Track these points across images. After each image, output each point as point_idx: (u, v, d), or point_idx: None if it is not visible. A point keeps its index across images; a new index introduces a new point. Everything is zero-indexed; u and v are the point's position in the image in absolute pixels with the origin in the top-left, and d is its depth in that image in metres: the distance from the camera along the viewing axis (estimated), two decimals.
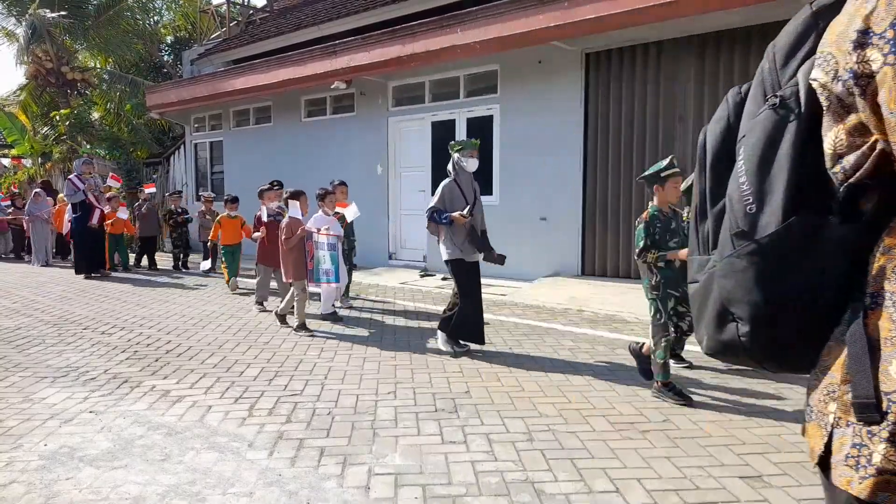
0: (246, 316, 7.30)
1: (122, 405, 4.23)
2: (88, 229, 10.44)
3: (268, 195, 7.71)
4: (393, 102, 11.45)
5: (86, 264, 10.66)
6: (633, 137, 8.71)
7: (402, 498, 2.91)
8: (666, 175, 4.34)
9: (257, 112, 14.14)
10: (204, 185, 15.70)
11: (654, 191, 4.41)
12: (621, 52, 8.75)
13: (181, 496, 2.93)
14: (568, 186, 9.23)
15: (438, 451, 3.44)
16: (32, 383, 4.71)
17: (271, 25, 15.77)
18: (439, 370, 5.04)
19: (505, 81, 9.87)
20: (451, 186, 5.54)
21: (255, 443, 3.57)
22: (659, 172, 4.36)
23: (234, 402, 4.29)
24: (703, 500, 2.90)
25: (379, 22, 11.62)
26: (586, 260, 9.23)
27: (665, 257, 4.27)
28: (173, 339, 6.17)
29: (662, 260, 4.27)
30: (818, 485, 3.05)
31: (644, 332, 6.37)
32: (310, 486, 3.03)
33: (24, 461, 3.32)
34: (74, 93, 19.81)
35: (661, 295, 4.30)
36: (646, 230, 4.32)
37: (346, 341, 6.05)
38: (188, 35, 22.75)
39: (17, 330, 6.57)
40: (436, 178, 10.78)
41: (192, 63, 16.95)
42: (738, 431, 3.73)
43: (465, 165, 5.58)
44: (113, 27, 19.54)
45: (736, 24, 7.67)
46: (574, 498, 2.92)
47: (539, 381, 4.75)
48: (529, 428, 3.79)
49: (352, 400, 4.32)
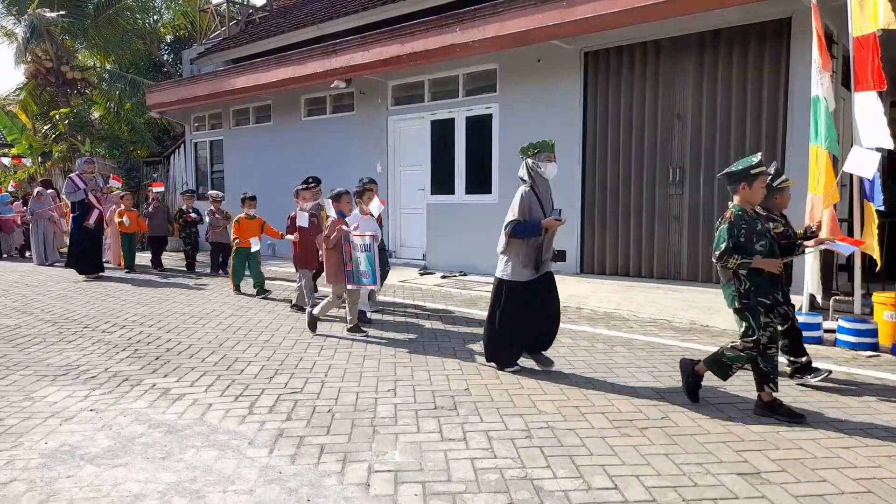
0: (246, 314, 7.32)
1: (122, 403, 4.24)
2: (85, 229, 10.31)
3: (303, 195, 7.39)
4: (392, 101, 11.46)
5: (76, 263, 10.50)
6: (631, 135, 8.72)
7: (402, 495, 2.93)
8: (756, 173, 3.97)
9: (257, 111, 14.15)
10: (204, 185, 15.71)
11: (740, 189, 4.00)
12: (620, 50, 8.76)
13: (182, 494, 2.95)
14: (567, 185, 9.22)
15: (438, 449, 3.45)
16: (33, 382, 4.72)
17: (271, 24, 15.78)
18: (439, 368, 5.06)
19: (504, 80, 9.88)
20: (530, 195, 4.82)
21: (256, 440, 3.58)
22: (749, 169, 3.97)
23: (234, 399, 4.30)
24: (702, 496, 2.92)
25: (378, 21, 11.64)
26: (585, 257, 9.25)
27: (749, 265, 3.87)
28: (174, 337, 6.19)
29: (746, 267, 3.89)
30: (816, 481, 3.09)
31: (643, 329, 6.39)
32: (310, 484, 3.05)
33: (25, 459, 3.33)
34: (74, 92, 19.81)
35: (751, 304, 3.93)
36: (729, 231, 3.93)
37: (346, 339, 6.06)
38: (188, 34, 22.73)
39: (18, 328, 6.58)
40: (435, 177, 10.83)
41: (192, 62, 16.97)
42: (737, 428, 3.74)
43: (543, 171, 4.84)
44: (112, 26, 19.53)
45: (734, 22, 7.68)
46: (573, 495, 2.93)
47: (538, 378, 4.77)
48: (528, 425, 3.80)
49: (352, 397, 4.34)
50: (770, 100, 7.63)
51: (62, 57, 18.83)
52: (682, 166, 8.32)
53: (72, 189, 10.35)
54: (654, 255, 8.57)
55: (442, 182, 10.77)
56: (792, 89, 7.38)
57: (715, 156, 8.01)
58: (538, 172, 4.83)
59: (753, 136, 7.75)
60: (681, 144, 8.33)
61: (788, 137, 7.46)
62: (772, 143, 7.62)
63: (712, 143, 8.07)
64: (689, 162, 8.26)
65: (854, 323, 5.68)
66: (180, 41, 23.19)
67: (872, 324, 5.66)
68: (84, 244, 10.42)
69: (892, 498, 2.90)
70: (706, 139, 8.13)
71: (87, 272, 10.45)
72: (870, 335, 5.59)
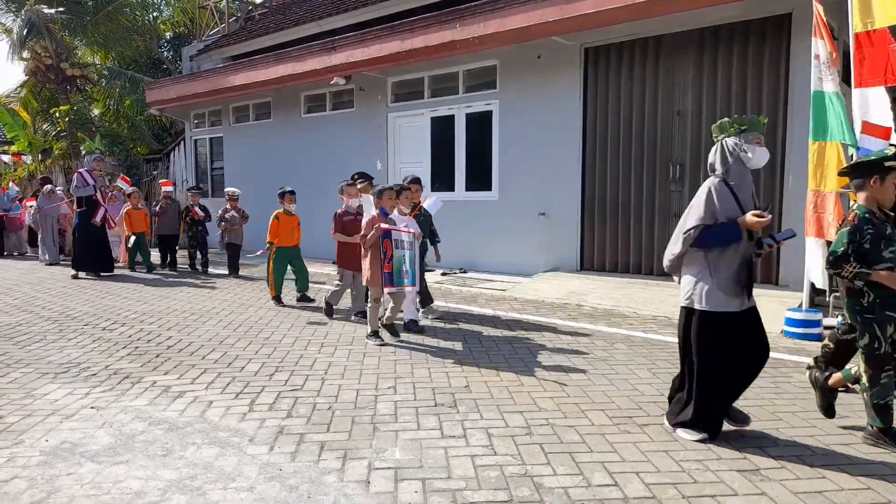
0: (247, 311, 7.32)
1: (123, 401, 4.24)
2: (91, 226, 10.18)
3: (348, 191, 6.95)
4: (392, 98, 11.44)
5: (79, 260, 10.34)
6: (631, 132, 8.71)
7: (402, 492, 2.93)
8: (890, 165, 3.41)
9: (257, 108, 14.14)
10: (204, 182, 15.70)
11: (871, 184, 3.45)
12: (620, 47, 8.75)
13: (182, 491, 2.95)
14: (567, 181, 9.24)
15: (438, 446, 3.46)
16: (34, 379, 4.73)
17: (270, 21, 15.76)
18: (439, 365, 5.06)
19: (504, 77, 9.87)
20: (722, 189, 3.51)
21: (256, 438, 3.58)
22: (883, 161, 3.43)
23: (234, 397, 4.31)
24: (701, 493, 2.92)
25: (378, 17, 11.63)
26: (585, 255, 9.25)
27: (868, 276, 3.34)
28: (174, 334, 6.19)
29: (864, 278, 3.34)
30: (815, 478, 3.09)
31: (642, 326, 6.39)
32: (310, 481, 3.05)
33: (26, 457, 3.34)
34: (74, 89, 19.79)
35: (877, 318, 3.39)
36: (850, 235, 3.39)
37: (346, 336, 6.07)
38: (187, 31, 22.70)
39: (19, 326, 6.58)
40: (435, 174, 10.82)
41: (192, 59, 16.94)
42: (736, 425, 3.74)
43: (750, 157, 3.52)
44: (112, 23, 19.50)
45: (734, 18, 7.67)
46: (573, 491, 2.94)
47: (538, 375, 4.77)
48: (528, 422, 3.81)
49: (352, 395, 4.34)
50: (770, 96, 7.62)
51: (61, 54, 18.80)
52: (682, 163, 8.32)
53: (81, 184, 10.18)
54: (655, 253, 8.57)
55: (442, 179, 10.77)
56: (792, 86, 7.37)
57: None
58: (741, 158, 3.52)
59: None
60: (681, 141, 8.32)
61: (789, 133, 7.45)
62: (772, 139, 7.61)
63: (712, 139, 8.04)
64: (689, 159, 8.25)
65: None
66: (180, 38, 23.16)
67: None
68: (90, 241, 10.29)
69: (891, 495, 2.91)
70: (706, 136, 8.11)
71: (89, 269, 10.37)
72: None
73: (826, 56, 5.96)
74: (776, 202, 7.56)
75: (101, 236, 10.54)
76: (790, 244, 4.02)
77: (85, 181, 10.20)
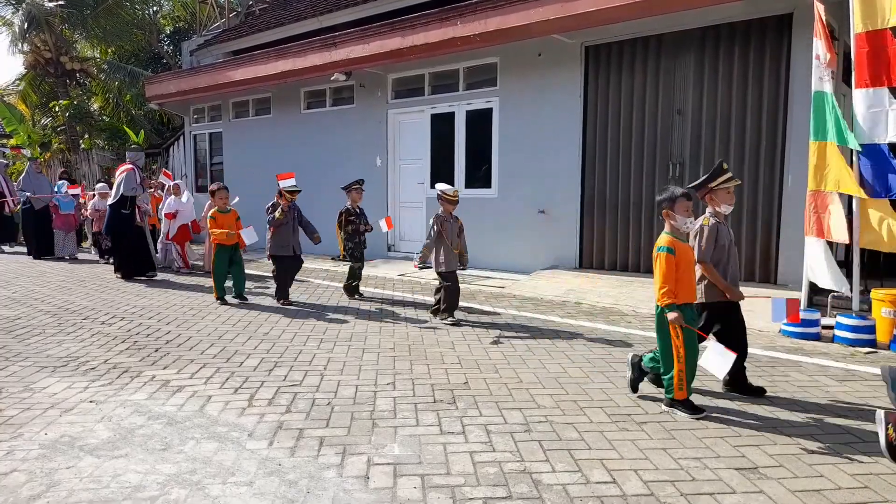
0: (246, 306, 7.32)
1: (122, 395, 4.25)
2: (136, 227, 9.46)
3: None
4: (392, 94, 11.43)
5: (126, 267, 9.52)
6: (631, 130, 8.71)
7: (401, 488, 2.94)
8: None
9: (257, 103, 14.11)
10: (203, 177, 15.68)
11: None
12: (621, 45, 8.74)
13: (181, 485, 2.96)
14: (566, 179, 9.23)
15: (437, 442, 3.46)
16: (33, 373, 4.73)
17: (271, 16, 15.74)
18: (438, 362, 5.07)
19: (504, 74, 9.86)
20: None
21: (255, 432, 3.59)
22: None
23: (233, 392, 4.31)
24: (699, 490, 2.93)
25: (379, 13, 11.62)
26: (584, 253, 9.25)
27: None
28: (173, 329, 6.19)
29: None
30: (813, 476, 3.10)
31: (641, 324, 6.40)
32: (309, 476, 3.06)
33: (25, 450, 3.34)
34: (73, 83, 19.75)
35: None
36: None
37: (345, 332, 6.07)
38: (187, 25, 22.67)
39: (17, 320, 6.58)
40: (435, 171, 10.81)
41: (192, 54, 16.92)
42: (734, 423, 3.76)
43: None
44: (112, 17, 19.45)
45: (735, 17, 7.66)
46: (571, 488, 2.95)
47: (537, 372, 4.78)
48: (527, 419, 3.81)
49: (351, 391, 4.35)
50: (770, 95, 7.62)
51: (61, 47, 18.76)
52: (682, 162, 8.32)
53: (135, 183, 9.43)
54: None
55: (442, 176, 10.75)
56: (793, 85, 7.37)
57: (715, 151, 8.00)
58: None
59: (754, 131, 7.74)
60: (681, 140, 8.32)
61: (789, 133, 7.46)
62: (772, 138, 7.62)
63: (712, 138, 8.06)
64: (689, 157, 8.25)
65: (852, 319, 5.70)
66: (180, 32, 23.13)
67: (870, 320, 5.68)
68: (133, 244, 9.51)
69: (888, 493, 2.92)
70: (706, 135, 8.12)
71: (137, 274, 9.52)
72: (868, 331, 5.61)
73: (824, 57, 5.97)
74: (776, 202, 7.57)
75: (142, 236, 9.75)
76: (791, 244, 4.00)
77: (136, 180, 9.43)
